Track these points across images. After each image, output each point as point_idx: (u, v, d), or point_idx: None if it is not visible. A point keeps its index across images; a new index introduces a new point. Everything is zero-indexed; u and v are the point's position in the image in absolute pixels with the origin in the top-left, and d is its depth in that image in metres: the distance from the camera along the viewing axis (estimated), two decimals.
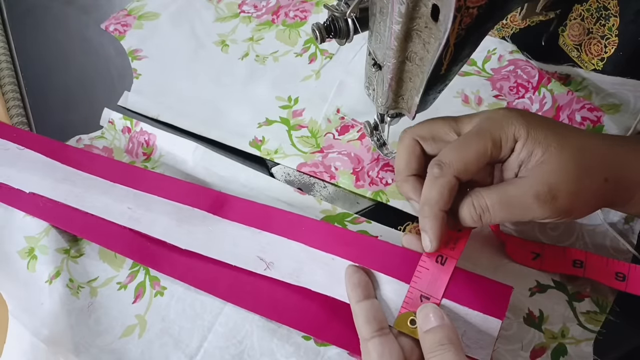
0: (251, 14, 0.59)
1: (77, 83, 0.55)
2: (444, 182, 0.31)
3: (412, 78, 0.33)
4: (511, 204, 0.30)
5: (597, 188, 0.30)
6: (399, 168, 0.36)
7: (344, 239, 0.37)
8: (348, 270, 0.34)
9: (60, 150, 0.46)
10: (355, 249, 0.35)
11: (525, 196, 0.30)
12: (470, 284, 0.33)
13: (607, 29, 0.43)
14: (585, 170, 0.30)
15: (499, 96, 0.48)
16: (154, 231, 0.40)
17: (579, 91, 0.46)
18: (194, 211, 0.40)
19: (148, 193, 0.42)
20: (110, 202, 0.42)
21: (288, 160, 0.46)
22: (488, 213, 0.31)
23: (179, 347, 0.37)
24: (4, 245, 0.42)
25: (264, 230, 0.38)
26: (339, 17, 0.33)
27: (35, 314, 0.38)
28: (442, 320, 0.30)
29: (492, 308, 0.32)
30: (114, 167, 0.44)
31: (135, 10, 0.60)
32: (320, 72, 0.53)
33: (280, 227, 0.38)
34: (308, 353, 0.36)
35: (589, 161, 0.30)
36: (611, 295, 0.37)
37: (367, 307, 0.32)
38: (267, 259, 0.37)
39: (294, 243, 0.37)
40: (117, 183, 0.43)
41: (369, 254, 0.35)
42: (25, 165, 0.45)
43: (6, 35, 0.59)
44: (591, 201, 0.31)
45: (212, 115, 0.50)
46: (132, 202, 0.41)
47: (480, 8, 0.26)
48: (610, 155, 0.31)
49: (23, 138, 0.47)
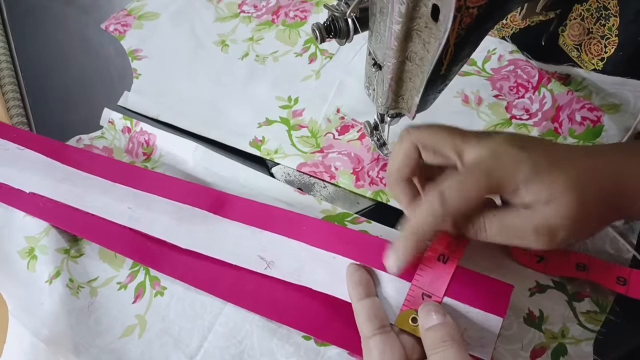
0: (251, 14, 0.59)
1: (77, 83, 0.55)
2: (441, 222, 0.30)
3: (412, 78, 0.33)
4: (509, 232, 0.30)
5: (600, 219, 0.30)
6: (392, 169, 0.35)
7: (345, 237, 0.37)
8: (349, 268, 0.34)
9: (60, 150, 0.46)
10: (356, 247, 0.36)
11: (525, 228, 0.29)
12: (471, 283, 0.33)
13: (607, 29, 0.43)
14: (587, 212, 0.29)
15: (499, 96, 0.48)
16: (154, 231, 0.40)
17: (579, 91, 0.46)
18: (194, 210, 0.40)
19: (148, 193, 0.42)
20: (110, 202, 0.42)
21: (288, 160, 0.46)
22: (484, 233, 0.31)
23: (179, 347, 0.37)
24: (4, 245, 0.42)
25: (264, 229, 0.38)
26: (339, 17, 0.33)
27: (35, 314, 0.38)
28: (444, 318, 0.30)
29: (493, 306, 0.32)
30: (114, 167, 0.44)
31: (135, 10, 0.60)
32: (320, 72, 0.53)
33: (281, 226, 0.38)
34: (308, 353, 0.36)
35: (594, 196, 0.29)
36: (611, 295, 0.37)
37: (368, 305, 0.32)
38: (268, 258, 0.37)
39: (295, 242, 0.37)
40: (117, 183, 0.43)
41: (369, 252, 0.35)
42: (25, 165, 0.45)
43: (6, 35, 0.59)
44: (593, 230, 0.31)
45: (212, 115, 0.50)
46: (132, 201, 0.41)
47: (480, 8, 0.26)
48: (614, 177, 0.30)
49: (23, 138, 0.47)
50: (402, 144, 0.34)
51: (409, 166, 0.34)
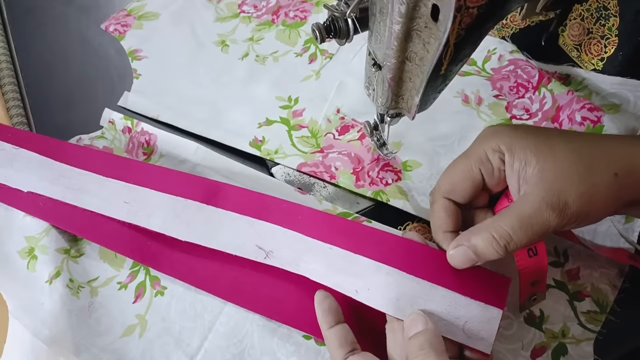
0: (251, 14, 0.59)
1: (77, 83, 0.55)
2: (437, 207, 0.31)
3: (412, 78, 0.33)
4: (531, 224, 0.29)
5: (608, 184, 0.29)
6: (434, 226, 0.35)
7: (341, 228, 0.37)
8: (318, 296, 0.35)
9: (55, 147, 0.45)
10: (352, 238, 0.36)
11: (540, 211, 0.28)
12: (470, 276, 0.33)
13: (607, 29, 0.43)
14: (588, 169, 0.29)
15: (499, 96, 0.48)
16: (152, 224, 0.40)
17: (579, 91, 0.46)
18: (188, 202, 0.40)
19: (142, 186, 0.42)
20: (107, 197, 0.41)
21: (288, 161, 0.46)
22: (512, 242, 0.29)
23: (179, 346, 0.37)
24: (4, 245, 0.42)
25: (260, 219, 0.38)
26: (338, 17, 0.33)
27: (35, 314, 0.38)
28: (425, 325, 0.30)
29: (492, 298, 0.32)
30: (109, 161, 0.44)
31: (135, 11, 0.60)
32: (320, 72, 0.53)
33: (277, 216, 0.38)
34: (309, 352, 0.36)
35: (590, 159, 0.29)
36: (612, 295, 0.37)
37: (338, 332, 0.32)
38: (266, 248, 0.37)
39: (291, 232, 0.37)
40: (112, 178, 0.42)
41: (365, 242, 0.35)
42: (22, 165, 0.45)
43: (6, 35, 0.59)
44: (606, 200, 0.29)
45: (212, 116, 0.50)
46: (128, 195, 0.41)
47: (480, 8, 0.26)
48: (615, 148, 0.30)
49: (18, 137, 0.47)
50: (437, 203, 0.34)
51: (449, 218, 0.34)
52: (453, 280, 0.32)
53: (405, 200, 0.42)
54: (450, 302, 0.32)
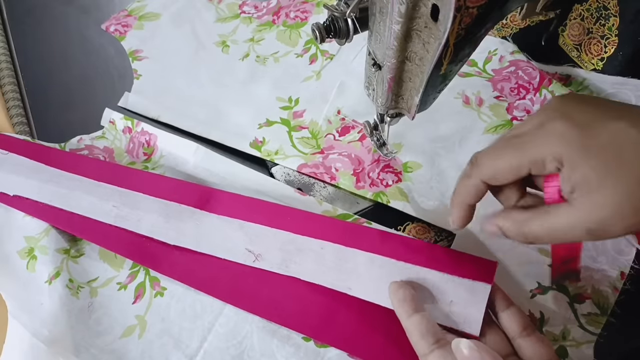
0: (252, 15, 0.59)
1: (77, 83, 0.55)
2: (472, 185, 0.30)
3: (412, 78, 0.33)
4: (559, 238, 0.28)
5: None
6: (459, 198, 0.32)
7: (332, 226, 0.37)
8: (392, 286, 0.34)
9: (45, 153, 0.46)
10: (343, 234, 0.36)
11: (576, 230, 0.27)
12: (457, 258, 0.34)
13: (607, 28, 0.43)
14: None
15: (500, 97, 0.48)
16: (141, 228, 0.40)
17: (580, 91, 0.46)
18: (181, 207, 0.41)
19: (134, 191, 0.42)
20: (95, 201, 0.42)
21: (288, 161, 0.46)
22: (533, 238, 0.28)
23: (179, 347, 0.37)
24: (4, 245, 0.42)
25: (250, 221, 0.39)
26: (338, 17, 0.33)
27: (35, 314, 0.38)
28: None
29: (479, 275, 0.33)
30: (99, 167, 0.45)
31: (136, 11, 0.60)
32: (320, 72, 0.53)
33: (266, 217, 0.39)
34: (308, 354, 0.36)
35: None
36: (612, 297, 0.37)
37: (418, 321, 0.31)
38: (256, 251, 0.38)
39: (281, 232, 0.38)
40: (102, 182, 0.43)
41: (356, 237, 0.36)
42: (10, 168, 0.45)
43: (6, 35, 0.59)
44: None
45: (212, 116, 0.50)
46: (118, 200, 0.42)
47: (480, 8, 0.26)
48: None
49: (6, 143, 0.47)
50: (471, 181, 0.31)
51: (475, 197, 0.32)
52: (440, 261, 0.34)
53: (406, 202, 0.42)
54: (437, 281, 0.33)
